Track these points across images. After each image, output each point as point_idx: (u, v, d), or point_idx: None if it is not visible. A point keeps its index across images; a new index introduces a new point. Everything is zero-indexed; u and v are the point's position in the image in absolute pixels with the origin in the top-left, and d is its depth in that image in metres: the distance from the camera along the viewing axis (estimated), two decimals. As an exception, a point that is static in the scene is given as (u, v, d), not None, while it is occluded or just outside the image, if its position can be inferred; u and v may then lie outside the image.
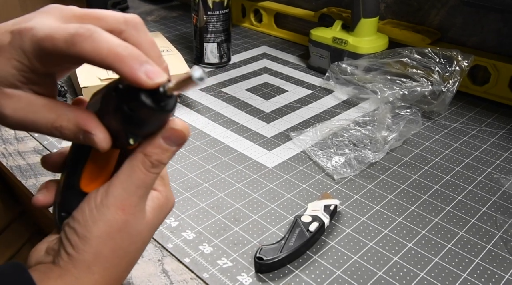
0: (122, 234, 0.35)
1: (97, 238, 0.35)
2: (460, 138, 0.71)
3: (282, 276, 0.47)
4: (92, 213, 0.35)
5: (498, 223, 0.54)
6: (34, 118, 0.33)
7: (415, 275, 0.47)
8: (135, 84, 0.30)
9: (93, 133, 0.33)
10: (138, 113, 0.32)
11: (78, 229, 0.35)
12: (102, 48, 0.30)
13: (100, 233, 0.35)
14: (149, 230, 0.38)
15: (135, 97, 0.31)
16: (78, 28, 0.30)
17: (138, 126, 0.33)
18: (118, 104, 0.32)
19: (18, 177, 0.62)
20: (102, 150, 0.34)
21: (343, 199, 0.58)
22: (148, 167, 0.34)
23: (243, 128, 0.74)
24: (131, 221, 0.36)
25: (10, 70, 0.32)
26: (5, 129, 0.73)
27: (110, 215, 0.35)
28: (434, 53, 0.77)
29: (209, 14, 0.90)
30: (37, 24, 0.31)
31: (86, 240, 0.35)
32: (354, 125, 0.71)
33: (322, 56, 0.91)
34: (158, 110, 0.32)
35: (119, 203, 0.35)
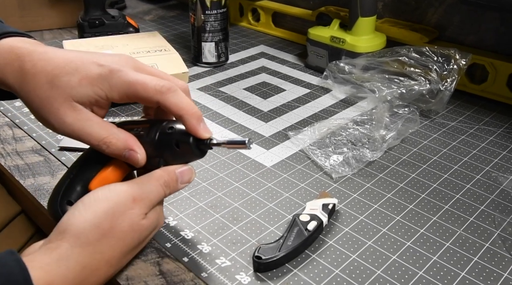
0: (125, 219, 0.41)
1: (102, 213, 0.40)
2: (458, 137, 0.71)
3: (280, 275, 0.47)
4: (104, 191, 0.41)
5: (496, 222, 0.54)
6: (89, 131, 0.42)
7: (413, 274, 0.47)
8: (193, 133, 0.43)
9: (138, 152, 0.44)
10: (181, 150, 0.44)
11: (81, 205, 0.41)
12: (182, 103, 0.43)
13: (105, 209, 0.40)
14: (141, 232, 0.44)
15: (186, 139, 0.43)
16: (167, 83, 0.43)
17: (173, 159, 0.45)
18: (170, 139, 0.44)
19: (16, 177, 0.62)
20: (138, 165, 0.44)
21: (341, 198, 0.58)
22: (164, 189, 0.44)
23: (241, 127, 0.74)
24: (135, 213, 0.42)
25: (90, 93, 0.42)
26: (2, 129, 0.73)
27: (120, 197, 0.41)
28: (432, 51, 0.77)
29: (206, 13, 0.90)
30: (124, 68, 0.43)
31: (87, 212, 0.40)
32: (352, 124, 0.71)
33: (320, 55, 0.91)
34: (196, 154, 0.44)
35: (134, 193, 0.42)
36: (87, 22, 0.98)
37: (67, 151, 0.67)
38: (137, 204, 0.42)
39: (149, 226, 0.43)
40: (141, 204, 0.42)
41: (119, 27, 1.00)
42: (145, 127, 0.45)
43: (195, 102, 0.81)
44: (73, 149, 0.67)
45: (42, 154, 0.67)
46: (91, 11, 0.99)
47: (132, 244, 0.43)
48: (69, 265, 0.38)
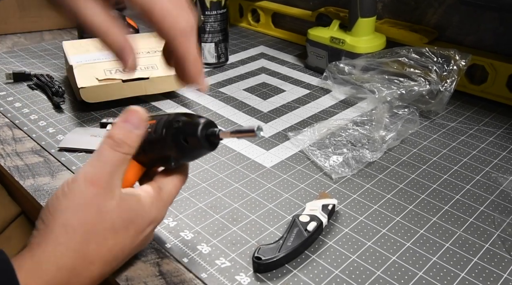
0: (91, 208, 0.38)
1: (66, 209, 0.38)
2: (458, 137, 0.71)
3: (280, 276, 0.47)
4: (63, 189, 0.38)
5: (496, 222, 0.54)
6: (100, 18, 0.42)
7: (413, 275, 0.47)
8: (195, 80, 0.42)
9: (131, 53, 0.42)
10: (190, 145, 0.41)
11: (50, 204, 0.38)
12: (193, 49, 0.42)
13: (69, 204, 0.38)
14: (118, 215, 0.40)
15: (194, 132, 0.40)
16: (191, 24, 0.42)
17: (184, 155, 0.42)
18: (177, 134, 0.41)
19: (16, 178, 0.62)
20: (128, 70, 0.42)
21: (341, 199, 0.58)
22: (112, 145, 0.40)
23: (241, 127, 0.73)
24: (100, 195, 0.38)
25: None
26: (2, 130, 0.73)
27: (79, 187, 0.38)
28: (431, 52, 0.77)
29: (206, 14, 0.90)
30: None
31: (55, 212, 0.38)
32: (352, 125, 0.71)
33: (320, 56, 0.91)
34: (206, 147, 0.41)
35: (89, 178, 0.38)
36: (87, 22, 0.98)
37: (67, 152, 0.67)
38: (96, 184, 0.39)
39: (124, 206, 0.40)
40: (100, 184, 0.39)
41: (119, 28, 0.99)
42: (151, 124, 0.43)
43: (194, 103, 0.81)
44: (73, 150, 0.67)
45: (42, 154, 0.67)
46: (91, 12, 0.98)
47: (113, 224, 0.40)
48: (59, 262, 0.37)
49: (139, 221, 0.41)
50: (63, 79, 0.89)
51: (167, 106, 0.80)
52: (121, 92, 0.76)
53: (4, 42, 1.07)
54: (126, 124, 0.40)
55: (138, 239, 0.42)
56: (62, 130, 0.72)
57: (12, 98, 0.82)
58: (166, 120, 0.42)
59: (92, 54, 0.81)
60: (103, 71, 0.76)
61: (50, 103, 0.80)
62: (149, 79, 0.77)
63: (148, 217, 0.42)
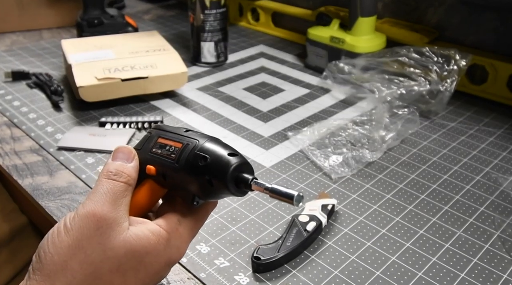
0: (93, 246, 0.33)
1: (65, 248, 0.33)
2: (458, 138, 0.71)
3: (279, 276, 0.47)
4: (63, 224, 0.34)
5: (496, 223, 0.54)
6: None
7: (413, 275, 0.47)
8: None
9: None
10: (215, 188, 0.36)
11: (48, 240, 0.34)
12: None
13: (69, 242, 0.33)
14: (126, 252, 0.34)
15: (222, 176, 0.35)
16: None
17: (208, 196, 0.37)
18: (202, 172, 0.36)
19: (15, 177, 0.61)
20: None
21: (340, 199, 0.58)
22: (109, 176, 0.37)
23: (240, 127, 0.73)
24: (104, 230, 0.34)
25: None
26: (1, 128, 0.72)
27: (80, 222, 0.34)
28: (432, 52, 0.77)
29: (206, 13, 0.89)
30: None
31: (53, 249, 0.33)
32: (352, 125, 0.70)
33: (320, 55, 0.91)
34: (234, 193, 0.36)
35: (90, 211, 0.34)
36: (86, 21, 0.98)
37: (66, 151, 0.66)
38: (99, 215, 0.34)
39: (135, 244, 0.35)
40: (103, 215, 0.35)
41: (118, 27, 0.99)
42: (177, 147, 0.38)
43: (193, 102, 0.81)
44: (72, 149, 0.66)
45: (40, 153, 0.66)
46: (90, 11, 0.98)
47: (120, 264, 0.35)
48: None
49: (152, 260, 0.36)
50: (62, 78, 0.88)
51: (166, 105, 0.79)
52: (120, 91, 0.76)
53: (2, 40, 1.07)
54: (116, 160, 0.38)
55: (151, 282, 0.37)
56: (60, 129, 0.72)
57: (10, 97, 0.81)
58: (191, 150, 0.37)
59: (91, 53, 0.81)
60: (102, 70, 0.76)
61: (49, 102, 0.80)
62: (148, 78, 0.76)
63: (163, 257, 0.37)
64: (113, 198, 0.35)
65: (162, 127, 0.41)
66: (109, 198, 0.35)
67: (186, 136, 0.38)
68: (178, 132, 0.39)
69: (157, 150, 0.39)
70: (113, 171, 0.37)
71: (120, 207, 0.35)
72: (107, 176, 0.36)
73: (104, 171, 0.37)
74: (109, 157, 0.38)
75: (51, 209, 0.56)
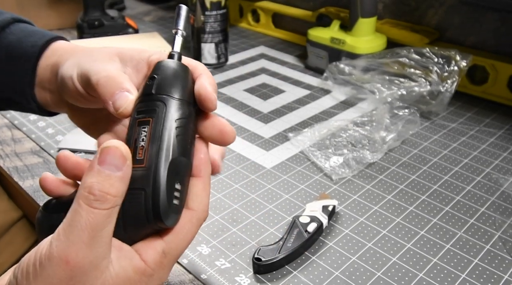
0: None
1: None
2: (459, 138, 0.71)
3: (280, 277, 0.47)
4: (35, 266, 0.29)
5: (497, 223, 0.54)
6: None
7: (414, 276, 0.47)
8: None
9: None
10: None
11: (19, 276, 0.29)
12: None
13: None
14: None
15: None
16: None
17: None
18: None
19: (15, 179, 0.61)
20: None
21: (341, 200, 0.58)
22: (90, 201, 0.29)
23: (241, 128, 0.73)
24: (78, 278, 0.29)
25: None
26: (1, 130, 0.72)
27: (51, 269, 0.28)
28: (432, 53, 0.77)
29: (206, 14, 0.90)
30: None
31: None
32: (352, 125, 0.70)
33: (320, 56, 0.91)
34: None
35: (62, 253, 0.28)
36: (86, 23, 0.98)
37: (66, 152, 0.66)
38: (72, 263, 0.29)
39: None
40: (77, 261, 0.29)
41: (119, 28, 1.00)
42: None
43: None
44: (72, 151, 0.66)
45: (41, 155, 0.66)
46: (90, 12, 0.98)
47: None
48: None
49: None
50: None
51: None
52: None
53: (3, 42, 1.07)
54: (103, 166, 0.30)
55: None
56: (61, 130, 0.72)
57: (11, 98, 0.81)
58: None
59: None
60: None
61: (49, 104, 0.80)
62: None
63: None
64: (92, 235, 0.29)
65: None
66: (87, 236, 0.28)
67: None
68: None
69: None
70: (96, 194, 0.29)
71: (100, 243, 0.29)
72: (88, 201, 0.29)
73: (84, 189, 0.29)
74: (94, 158, 0.30)
75: (52, 210, 0.56)
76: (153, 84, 0.33)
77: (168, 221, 0.31)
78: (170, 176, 0.31)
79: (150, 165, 0.31)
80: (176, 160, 0.32)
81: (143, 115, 0.33)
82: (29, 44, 0.45)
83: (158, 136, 0.32)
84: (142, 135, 0.32)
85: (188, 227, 0.33)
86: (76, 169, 0.36)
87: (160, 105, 0.33)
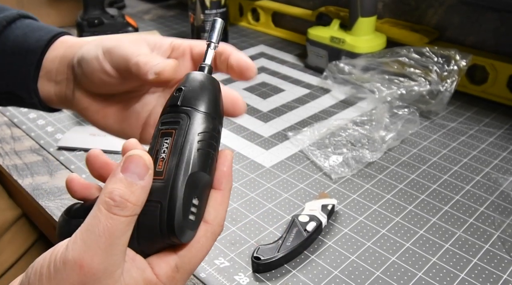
0: None
1: None
2: (458, 138, 0.71)
3: (279, 276, 0.47)
4: (49, 268, 0.29)
5: (496, 223, 0.54)
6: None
7: (412, 275, 0.47)
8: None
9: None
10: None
11: (32, 277, 0.29)
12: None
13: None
14: None
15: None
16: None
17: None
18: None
19: (15, 177, 0.61)
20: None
21: (340, 199, 0.58)
22: (110, 206, 0.29)
23: (240, 127, 0.73)
24: (92, 284, 0.28)
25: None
26: (1, 128, 0.72)
27: (65, 272, 0.28)
28: (432, 52, 0.77)
29: (206, 13, 0.90)
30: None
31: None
32: (352, 125, 0.70)
33: (320, 55, 0.91)
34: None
35: (77, 257, 0.28)
36: (86, 21, 0.98)
37: (66, 151, 0.66)
38: (86, 269, 0.28)
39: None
40: (92, 267, 0.29)
41: (118, 27, 0.99)
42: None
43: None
44: (72, 149, 0.66)
45: (40, 153, 0.66)
46: (90, 10, 0.98)
47: None
48: None
49: None
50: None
51: (167, 105, 0.79)
52: (120, 91, 0.76)
53: (3, 40, 1.06)
54: (126, 173, 0.30)
55: None
56: (61, 128, 0.72)
57: (11, 97, 0.81)
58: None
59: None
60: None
61: (49, 102, 0.80)
62: (149, 78, 0.76)
63: None
64: (109, 241, 0.28)
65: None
66: (104, 242, 0.28)
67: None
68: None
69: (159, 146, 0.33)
70: (116, 200, 0.29)
71: (116, 251, 0.29)
72: (108, 206, 0.29)
73: (105, 194, 0.29)
74: (117, 166, 0.30)
75: (51, 209, 0.56)
76: (180, 96, 0.33)
77: (182, 237, 0.31)
78: (187, 190, 0.30)
79: (169, 178, 0.30)
80: (195, 175, 0.31)
81: (166, 127, 0.32)
82: (34, 39, 0.45)
83: (179, 149, 0.31)
84: (164, 147, 0.32)
85: (203, 242, 0.32)
86: (103, 168, 0.36)
87: (184, 117, 0.32)
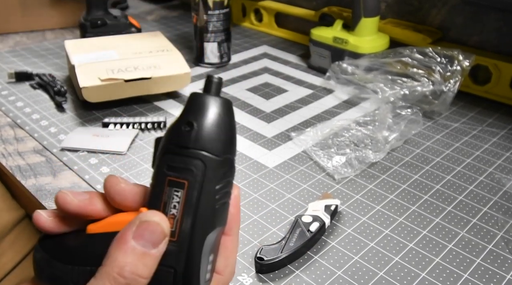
0: None
1: None
2: (461, 138, 0.71)
3: (282, 277, 0.47)
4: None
5: (500, 223, 0.54)
6: None
7: (416, 276, 0.47)
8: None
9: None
10: None
11: None
12: None
13: None
14: None
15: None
16: None
17: None
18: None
19: (18, 178, 0.62)
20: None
21: (343, 199, 0.58)
22: (119, 282, 0.25)
23: (244, 128, 0.73)
24: None
25: None
26: (4, 129, 0.72)
27: None
28: (435, 52, 0.77)
29: (209, 13, 0.90)
30: None
31: None
32: (355, 125, 0.70)
33: (323, 56, 0.91)
34: None
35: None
36: (89, 22, 0.98)
37: (69, 152, 0.66)
38: None
39: None
40: None
41: (121, 27, 1.00)
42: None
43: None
44: (75, 150, 0.66)
45: (43, 154, 0.66)
46: (93, 11, 0.99)
47: None
48: None
49: None
50: (65, 78, 0.89)
51: (169, 105, 0.79)
52: (123, 92, 0.76)
53: (6, 41, 1.07)
54: (139, 243, 0.26)
55: None
56: (64, 129, 0.72)
57: (14, 98, 0.82)
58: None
59: (94, 54, 0.81)
60: (105, 71, 0.76)
61: (52, 103, 0.80)
62: (152, 79, 0.77)
63: None
64: None
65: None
66: None
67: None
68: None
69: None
70: (127, 277, 0.25)
71: None
72: (116, 283, 0.25)
73: (113, 268, 0.25)
74: (127, 229, 0.26)
75: (54, 209, 0.56)
76: (191, 134, 0.27)
77: None
78: (205, 253, 0.27)
79: (183, 242, 0.27)
80: (213, 233, 0.28)
81: (176, 174, 0.27)
82: None
83: (195, 207, 0.27)
84: (174, 201, 0.27)
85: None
86: (79, 211, 0.30)
87: (198, 164, 0.27)
